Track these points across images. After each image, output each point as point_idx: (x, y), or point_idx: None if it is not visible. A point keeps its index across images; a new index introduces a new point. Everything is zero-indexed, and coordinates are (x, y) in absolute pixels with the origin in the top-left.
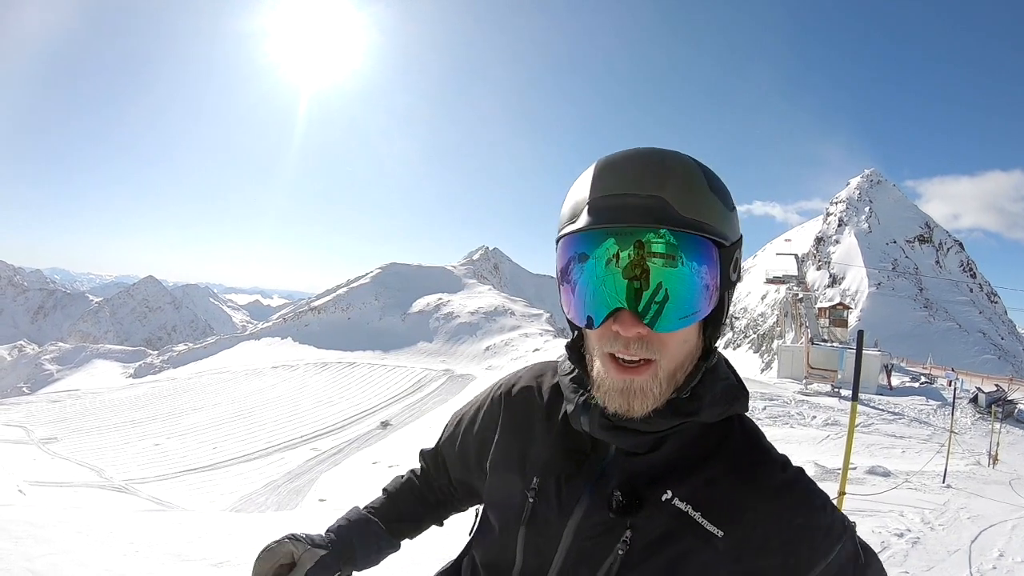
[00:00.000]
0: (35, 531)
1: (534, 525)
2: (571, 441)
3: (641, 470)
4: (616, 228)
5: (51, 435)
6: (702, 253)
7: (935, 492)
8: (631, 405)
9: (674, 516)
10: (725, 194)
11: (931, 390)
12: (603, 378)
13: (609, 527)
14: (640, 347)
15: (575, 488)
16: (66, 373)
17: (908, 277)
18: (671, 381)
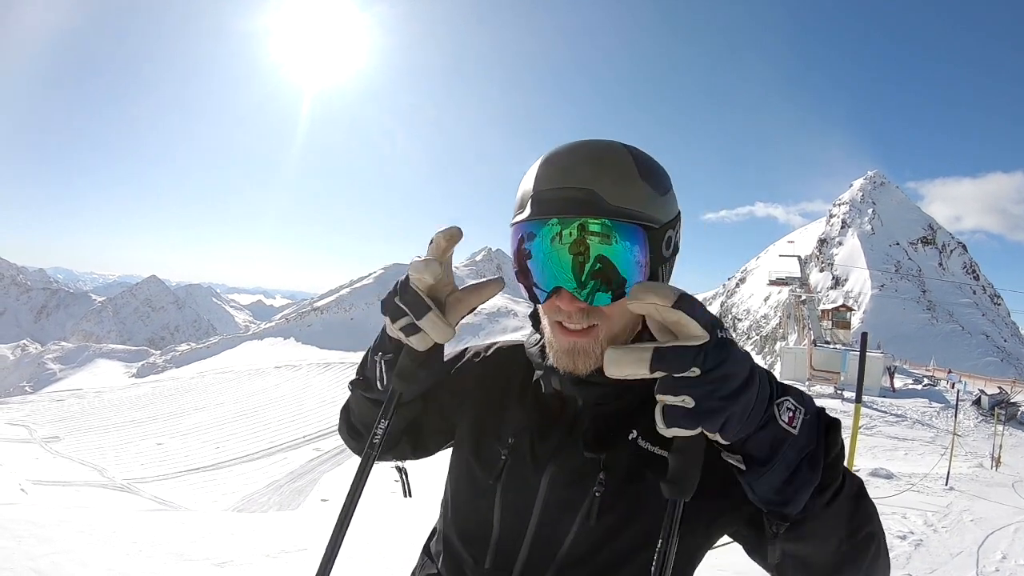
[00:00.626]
0: (38, 530)
1: (511, 482)
2: (542, 405)
3: (609, 414)
4: (552, 219)
5: (54, 434)
6: (631, 236)
7: (938, 495)
8: (576, 364)
9: (639, 454)
10: (657, 178)
11: (934, 392)
12: (552, 340)
13: (584, 472)
14: (581, 317)
15: (548, 443)
16: (69, 372)
17: (911, 279)
18: (614, 344)
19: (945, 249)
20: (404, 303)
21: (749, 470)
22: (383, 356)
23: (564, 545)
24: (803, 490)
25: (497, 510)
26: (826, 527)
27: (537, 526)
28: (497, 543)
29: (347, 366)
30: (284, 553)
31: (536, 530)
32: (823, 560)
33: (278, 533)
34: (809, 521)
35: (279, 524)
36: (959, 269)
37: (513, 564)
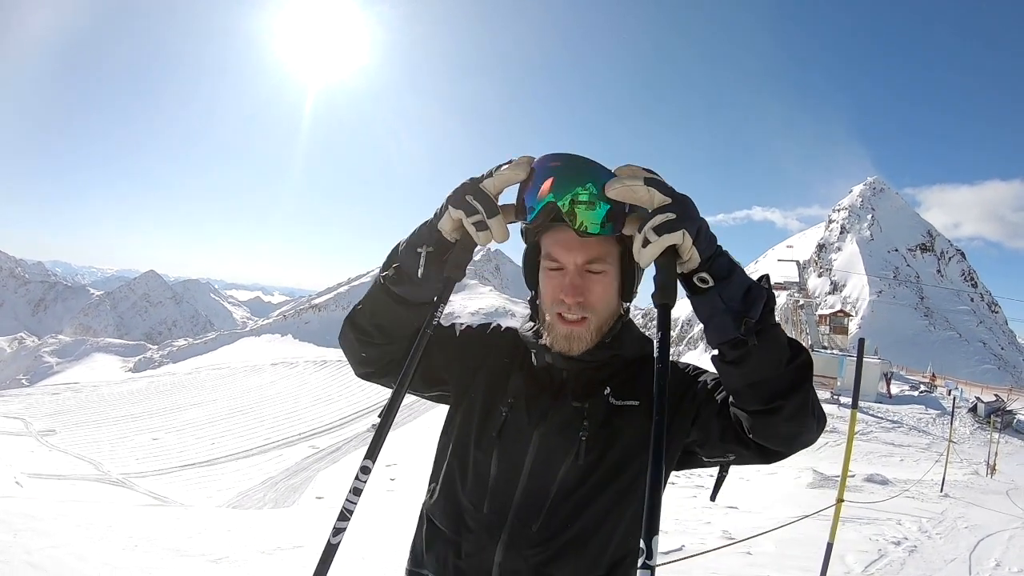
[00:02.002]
0: (35, 524)
1: (508, 435)
2: (536, 376)
3: (589, 377)
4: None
5: (49, 427)
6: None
7: (933, 501)
8: (571, 347)
9: (611, 407)
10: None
11: (930, 399)
12: (552, 327)
13: (568, 422)
14: (578, 310)
15: (541, 402)
16: (66, 366)
17: (909, 285)
18: (599, 332)
19: (944, 256)
20: (478, 200)
21: (717, 282)
22: (426, 248)
23: (555, 484)
24: (758, 301)
25: (495, 460)
26: (775, 347)
27: (530, 471)
28: (493, 488)
29: (343, 364)
30: (279, 550)
31: (529, 474)
32: (776, 379)
33: (274, 530)
34: (761, 342)
35: (275, 521)
36: (957, 276)
37: (509, 506)
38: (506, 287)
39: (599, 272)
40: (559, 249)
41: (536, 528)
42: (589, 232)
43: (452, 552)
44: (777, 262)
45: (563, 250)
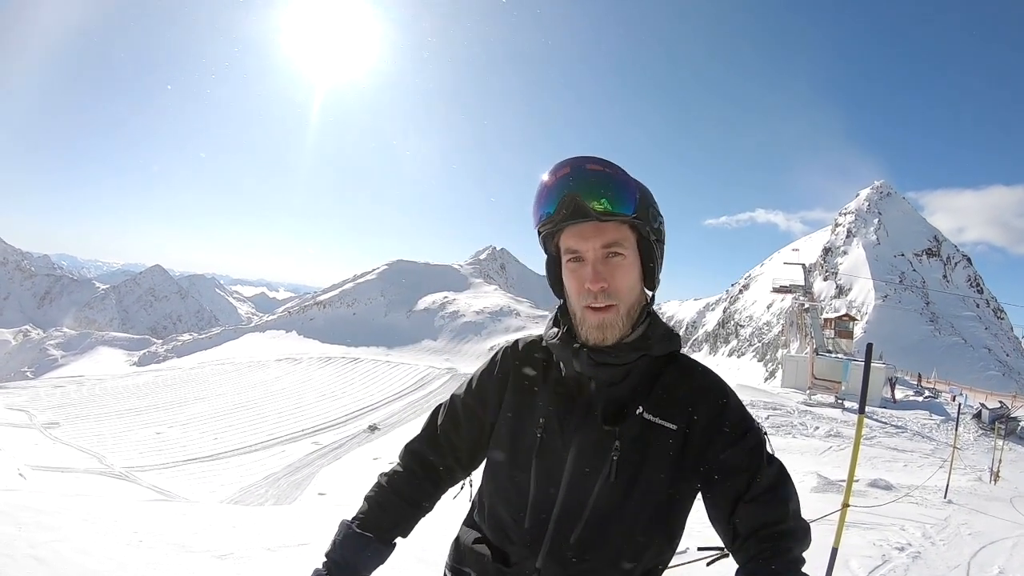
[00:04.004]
0: (40, 517)
1: (544, 455)
2: (566, 388)
3: (618, 395)
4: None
5: (53, 420)
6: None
7: (936, 507)
8: (605, 336)
9: (645, 424)
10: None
11: (934, 404)
12: (584, 320)
13: (601, 443)
14: (604, 296)
15: (572, 421)
16: (70, 359)
17: (915, 290)
18: (629, 318)
19: (950, 261)
20: None
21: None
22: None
23: (590, 502)
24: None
25: (533, 479)
26: None
27: (567, 488)
28: (533, 505)
29: (348, 361)
30: (285, 547)
31: (566, 491)
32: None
33: (279, 527)
34: None
35: (280, 518)
36: (963, 282)
37: (548, 521)
38: (511, 286)
39: (619, 256)
40: (577, 239)
41: (574, 540)
42: (610, 212)
43: (495, 559)
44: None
45: (580, 239)
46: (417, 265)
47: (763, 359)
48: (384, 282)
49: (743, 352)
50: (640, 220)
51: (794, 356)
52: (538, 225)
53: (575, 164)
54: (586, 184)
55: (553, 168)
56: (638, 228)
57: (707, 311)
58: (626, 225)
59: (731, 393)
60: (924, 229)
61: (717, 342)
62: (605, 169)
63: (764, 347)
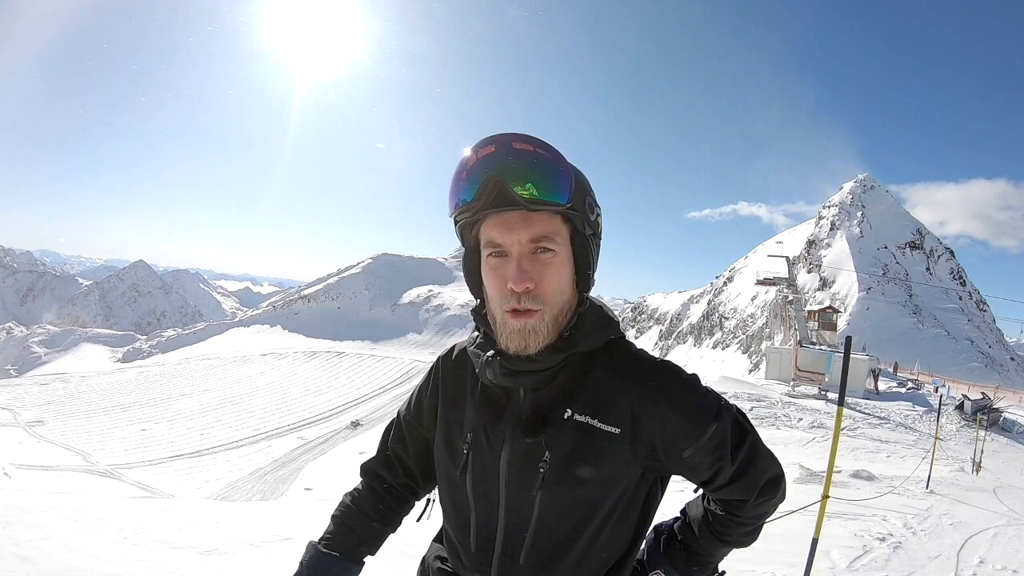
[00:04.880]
0: (24, 516)
1: (475, 471)
2: (491, 397)
3: (544, 399)
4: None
5: (38, 418)
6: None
7: (918, 497)
8: (527, 343)
9: (578, 428)
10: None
11: (917, 396)
12: (505, 326)
13: (530, 454)
14: (528, 299)
15: (499, 431)
16: (54, 356)
17: (898, 283)
18: (555, 324)
19: (933, 254)
20: None
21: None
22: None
23: (532, 518)
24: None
25: (471, 499)
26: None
27: (506, 507)
28: (477, 527)
29: (333, 355)
30: (268, 543)
31: (506, 510)
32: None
33: (263, 522)
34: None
35: (264, 513)
36: (946, 274)
37: (494, 543)
38: None
39: (549, 252)
40: (500, 231)
41: (524, 560)
42: (540, 200)
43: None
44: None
45: (505, 231)
46: (402, 259)
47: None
48: (369, 276)
49: (727, 344)
50: (575, 211)
51: (778, 348)
52: (454, 213)
53: (501, 141)
54: (513, 166)
55: (476, 145)
56: (572, 220)
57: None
58: (558, 217)
59: (677, 378)
60: (907, 222)
61: (702, 334)
62: (537, 149)
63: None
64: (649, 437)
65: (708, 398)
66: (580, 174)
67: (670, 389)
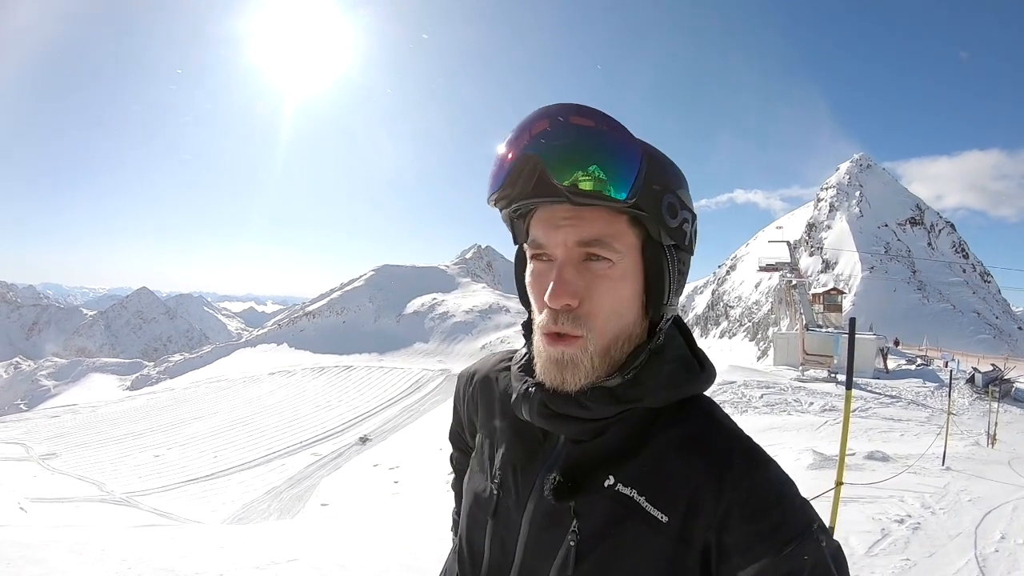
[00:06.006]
0: (28, 552)
1: (499, 518)
2: (527, 431)
3: (583, 456)
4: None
5: (50, 451)
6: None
7: (935, 475)
8: (564, 377)
9: (618, 501)
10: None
11: (927, 372)
12: (540, 351)
13: (557, 516)
14: (567, 320)
15: (528, 478)
16: (63, 388)
17: (901, 260)
18: (605, 357)
19: (934, 229)
20: None
21: None
22: None
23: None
24: None
25: (487, 545)
26: None
27: (520, 567)
28: (487, 574)
29: (341, 369)
30: (274, 564)
31: (519, 569)
32: None
33: (269, 544)
34: None
35: (271, 535)
36: (948, 248)
37: None
38: (499, 283)
39: (604, 261)
40: (543, 229)
41: None
42: (588, 191)
43: None
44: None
45: (548, 228)
46: (404, 269)
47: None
48: (372, 288)
49: (734, 333)
50: (642, 211)
51: (785, 333)
52: (488, 197)
53: (555, 115)
54: (559, 146)
55: (529, 116)
56: (644, 224)
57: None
58: (624, 217)
59: (767, 472)
60: (906, 199)
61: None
62: (599, 125)
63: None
64: (704, 538)
65: (799, 513)
66: (660, 165)
67: (752, 484)
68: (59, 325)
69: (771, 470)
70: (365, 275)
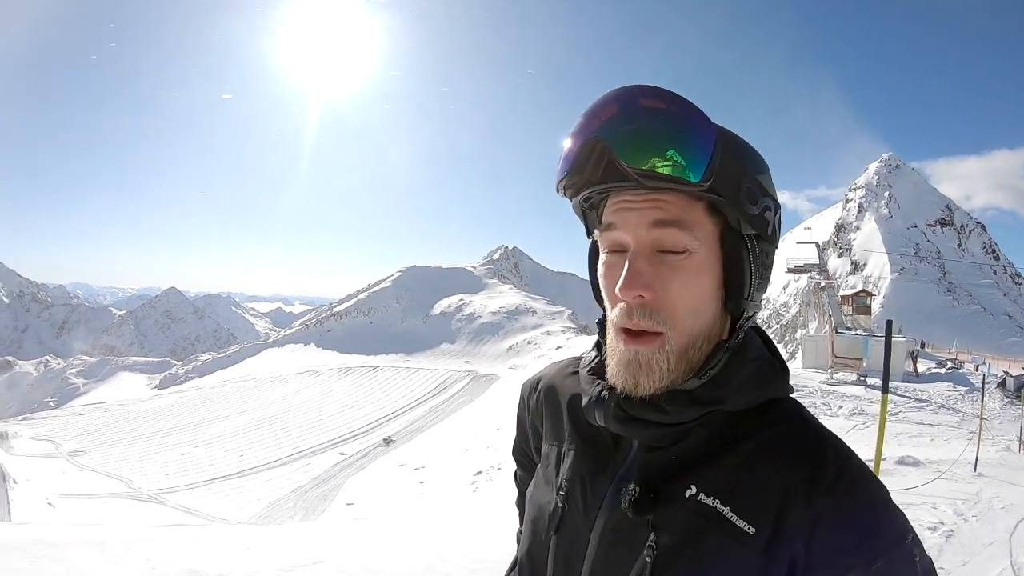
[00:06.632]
0: (52, 550)
1: (564, 532)
2: (595, 439)
3: (662, 464)
4: None
5: (79, 448)
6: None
7: (967, 481)
8: (637, 380)
9: (700, 513)
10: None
11: (958, 375)
12: (613, 350)
13: (630, 530)
14: (643, 315)
15: (598, 489)
16: (92, 386)
17: (930, 261)
18: (683, 358)
19: (963, 230)
20: None
21: None
22: None
23: None
24: None
25: (550, 561)
26: None
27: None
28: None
29: (367, 369)
30: (299, 566)
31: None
32: None
33: (295, 546)
34: None
35: (297, 536)
36: (978, 249)
37: None
38: (525, 284)
39: (679, 253)
40: (615, 216)
41: None
42: (655, 173)
43: None
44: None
45: (620, 216)
46: (431, 270)
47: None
48: (399, 289)
49: None
50: (720, 196)
51: (813, 336)
52: (556, 184)
53: (625, 98)
54: (627, 129)
55: (596, 101)
56: (722, 211)
57: None
58: (701, 204)
59: (860, 476)
60: (935, 199)
61: None
62: (669, 106)
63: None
64: (792, 549)
65: (894, 520)
66: (737, 147)
67: (846, 489)
68: (88, 324)
69: (865, 473)
70: (392, 276)
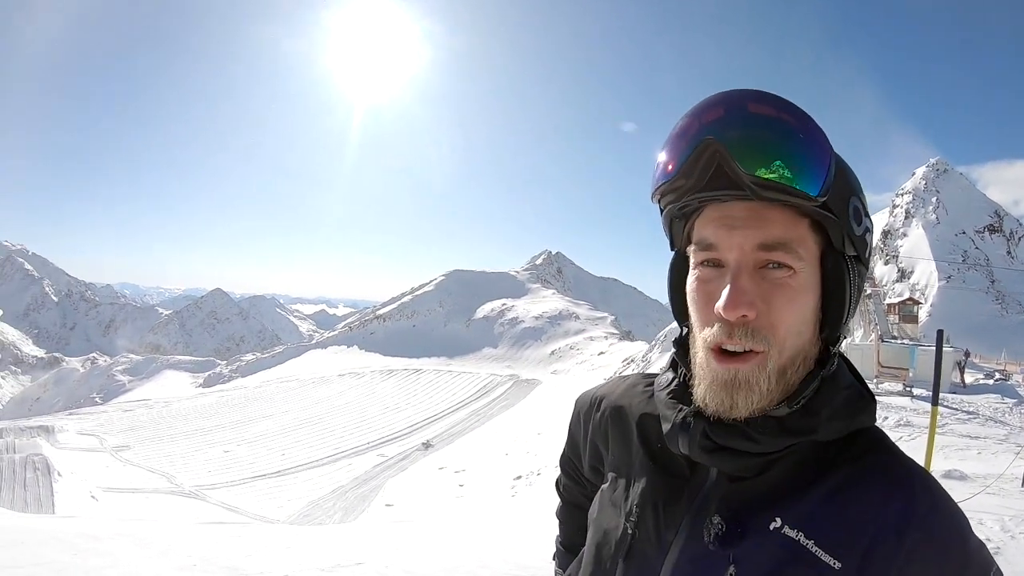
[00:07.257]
0: (95, 544)
1: (632, 561)
2: (670, 465)
3: (746, 495)
4: None
5: (123, 443)
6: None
7: (1014, 496)
8: (735, 400)
9: (784, 546)
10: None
11: (1006, 387)
12: (705, 370)
13: (709, 563)
14: (745, 334)
15: (673, 518)
16: (137, 383)
17: (979, 269)
18: (781, 379)
19: (1013, 236)
20: None
21: None
22: None
23: None
24: None
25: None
26: None
27: None
28: None
29: (410, 372)
30: (339, 567)
31: None
32: None
33: (335, 546)
34: None
35: (337, 537)
36: None
37: None
38: (568, 289)
39: (785, 270)
40: (717, 227)
41: None
42: (775, 184)
43: None
44: None
45: (723, 227)
46: (474, 274)
47: None
48: (442, 292)
49: None
50: (831, 215)
51: (859, 344)
52: (654, 189)
53: (732, 101)
54: (741, 134)
55: (698, 105)
56: (827, 229)
57: None
58: (806, 220)
59: (947, 510)
60: (984, 205)
61: None
62: (782, 114)
63: None
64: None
65: (980, 554)
66: (845, 165)
67: (937, 522)
68: (135, 323)
69: (952, 507)
70: (436, 279)
